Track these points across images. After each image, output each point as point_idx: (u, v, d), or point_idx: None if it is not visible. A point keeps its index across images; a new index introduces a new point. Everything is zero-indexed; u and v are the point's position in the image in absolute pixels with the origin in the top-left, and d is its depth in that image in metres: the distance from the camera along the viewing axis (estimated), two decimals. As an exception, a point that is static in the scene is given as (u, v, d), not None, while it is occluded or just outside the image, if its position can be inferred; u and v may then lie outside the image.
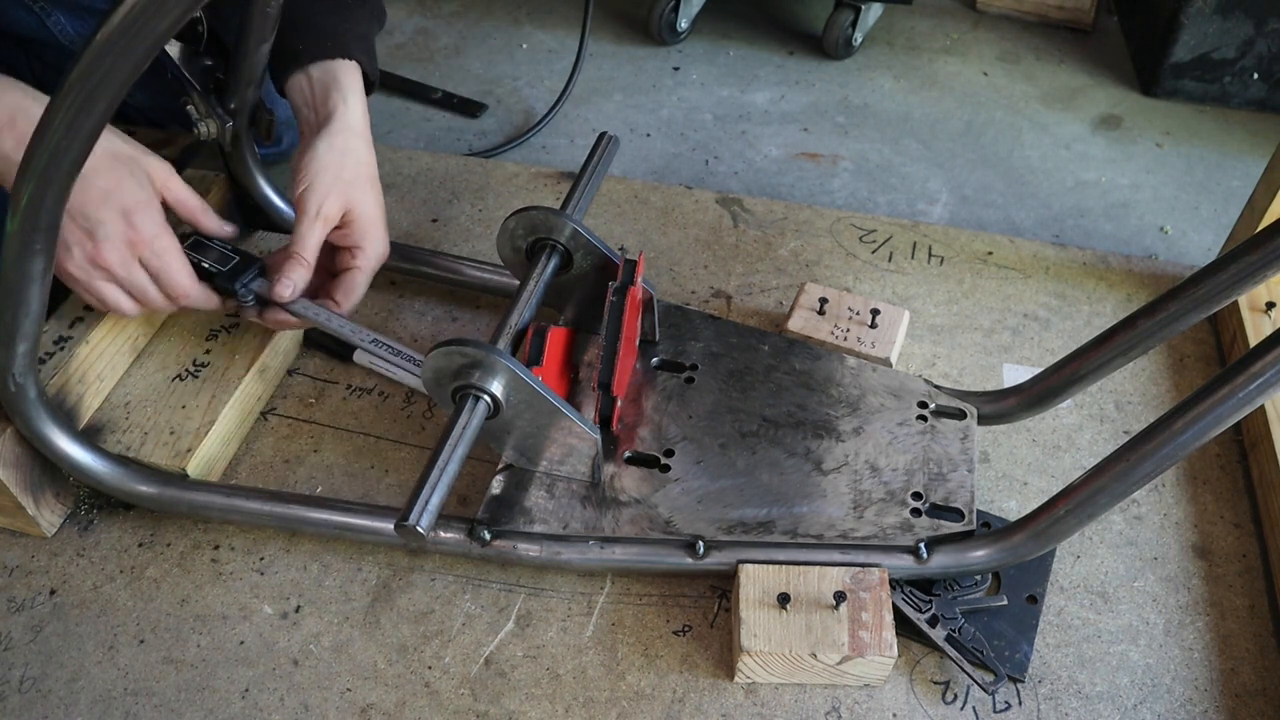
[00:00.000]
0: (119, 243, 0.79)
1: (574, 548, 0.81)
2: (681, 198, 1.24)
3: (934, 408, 0.89)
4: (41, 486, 0.84)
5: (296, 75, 0.92)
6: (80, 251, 0.79)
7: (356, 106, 0.90)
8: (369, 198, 0.90)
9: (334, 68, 0.91)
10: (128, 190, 0.80)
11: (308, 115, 0.91)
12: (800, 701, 0.77)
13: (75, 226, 0.78)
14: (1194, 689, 0.79)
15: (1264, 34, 1.46)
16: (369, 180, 0.90)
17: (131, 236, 0.80)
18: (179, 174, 0.86)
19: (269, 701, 0.77)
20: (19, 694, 0.77)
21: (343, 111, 0.89)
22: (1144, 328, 0.80)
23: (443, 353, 0.75)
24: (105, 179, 0.79)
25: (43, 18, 1.03)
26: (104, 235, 0.79)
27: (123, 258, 0.80)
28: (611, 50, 1.63)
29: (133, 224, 0.79)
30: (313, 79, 0.91)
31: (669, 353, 0.94)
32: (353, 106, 0.90)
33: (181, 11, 0.52)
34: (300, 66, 0.91)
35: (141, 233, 0.80)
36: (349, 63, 0.92)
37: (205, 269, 0.87)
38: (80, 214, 0.78)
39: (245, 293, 0.88)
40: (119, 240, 0.79)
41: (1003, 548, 0.78)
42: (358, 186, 0.88)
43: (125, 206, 0.79)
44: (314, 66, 0.91)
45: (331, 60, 0.91)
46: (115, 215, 0.79)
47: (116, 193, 0.79)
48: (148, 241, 0.80)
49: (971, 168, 1.41)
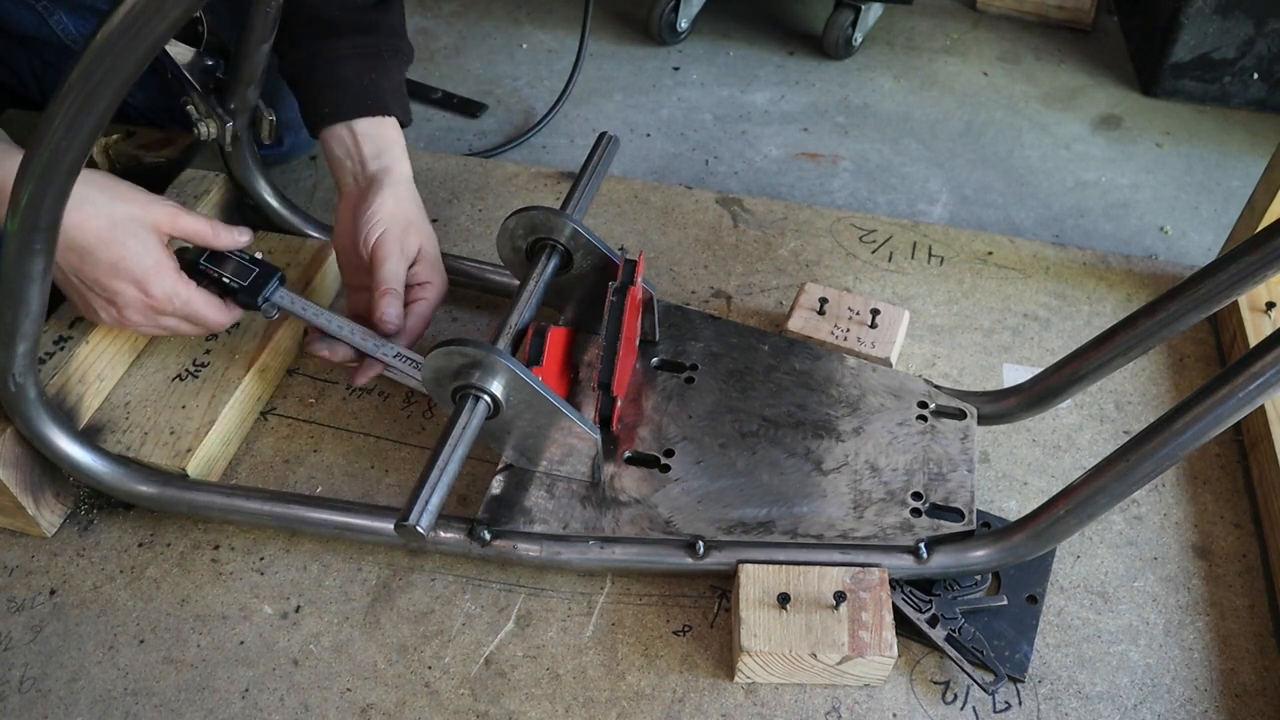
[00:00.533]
0: (140, 308, 0.82)
1: (574, 548, 0.81)
2: (681, 198, 1.24)
3: (934, 408, 0.89)
4: (41, 486, 0.84)
5: (337, 128, 0.95)
6: (108, 315, 0.83)
7: (405, 161, 0.96)
8: (432, 239, 0.95)
9: (376, 124, 0.95)
10: (134, 258, 0.80)
11: (351, 167, 0.95)
12: (800, 701, 0.77)
13: (96, 295, 0.81)
14: (1194, 689, 0.79)
15: (1264, 34, 1.46)
16: (428, 225, 0.96)
17: (149, 302, 0.82)
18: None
19: (269, 701, 0.77)
20: (19, 694, 0.77)
21: (394, 166, 0.94)
22: (1144, 328, 0.80)
23: (443, 353, 0.75)
24: (110, 250, 0.79)
25: (45, 16, 1.03)
26: (124, 303, 0.82)
27: (147, 317, 0.84)
28: (611, 50, 1.63)
29: (149, 292, 0.81)
30: (356, 134, 0.94)
31: (669, 353, 0.94)
32: (402, 161, 0.95)
33: (181, 11, 0.52)
34: (341, 120, 0.94)
35: (158, 296, 0.82)
36: (391, 119, 0.96)
37: (226, 283, 0.88)
38: (96, 285, 0.81)
39: (269, 308, 0.89)
40: (139, 306, 0.82)
41: (1003, 548, 0.78)
42: (424, 229, 0.94)
43: (136, 276, 0.81)
44: (356, 122, 0.94)
45: (373, 117, 0.95)
46: (129, 285, 0.81)
47: (124, 263, 0.80)
48: (166, 300, 0.83)
49: (971, 168, 1.41)
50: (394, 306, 0.88)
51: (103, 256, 0.79)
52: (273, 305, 0.89)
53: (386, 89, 0.96)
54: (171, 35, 0.53)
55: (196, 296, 0.84)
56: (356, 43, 0.95)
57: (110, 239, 0.79)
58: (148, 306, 0.82)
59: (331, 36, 0.94)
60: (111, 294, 0.81)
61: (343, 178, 0.96)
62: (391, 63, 0.97)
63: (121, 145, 1.09)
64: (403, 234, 0.91)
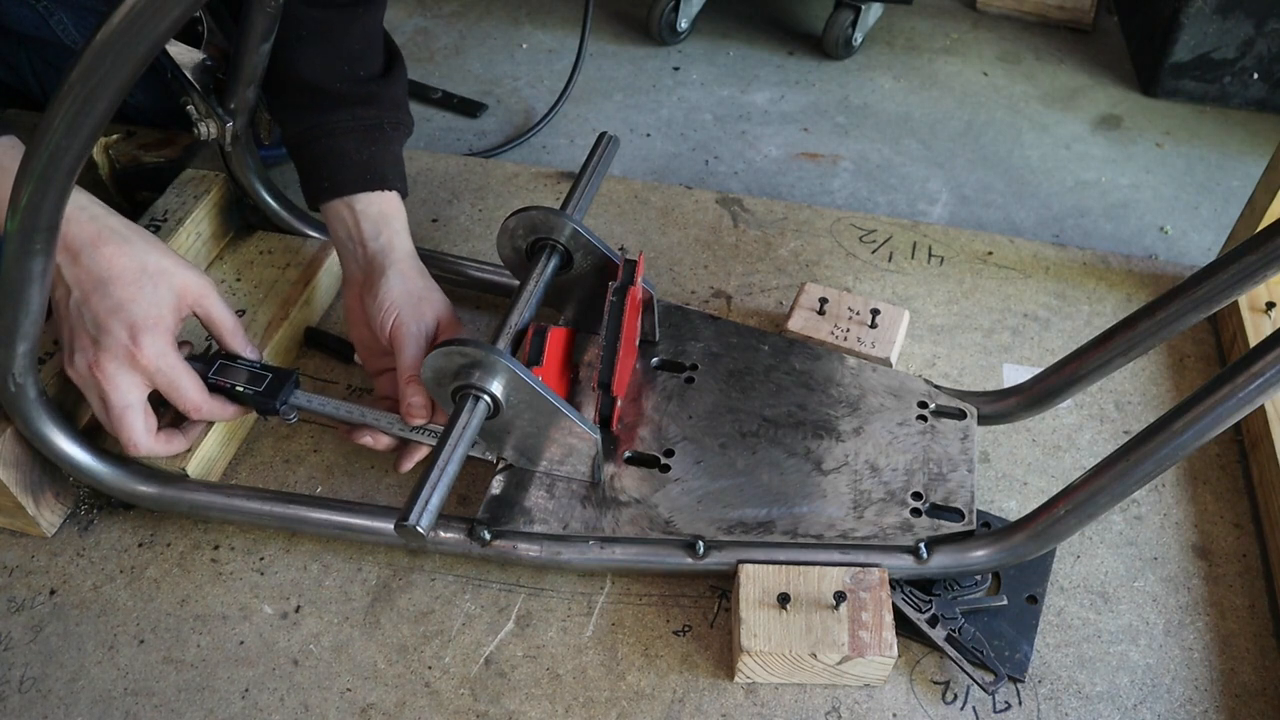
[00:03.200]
0: (121, 357, 0.78)
1: (574, 548, 0.81)
2: (681, 198, 1.24)
3: (934, 408, 0.89)
4: (41, 486, 0.84)
5: (335, 203, 0.93)
6: (82, 359, 0.78)
7: (405, 236, 0.94)
8: (446, 304, 0.93)
9: (377, 200, 0.93)
10: (141, 305, 0.78)
11: (352, 249, 0.93)
12: (800, 701, 0.77)
13: (84, 332, 0.78)
14: (1194, 689, 0.79)
15: (1264, 34, 1.46)
16: (437, 291, 0.93)
17: (134, 353, 0.78)
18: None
19: (269, 701, 0.77)
20: (19, 694, 0.77)
21: (395, 243, 0.92)
22: (1144, 328, 0.80)
23: (443, 353, 0.75)
24: (124, 290, 0.78)
25: (45, 16, 1.03)
26: (107, 346, 0.77)
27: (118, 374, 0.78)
28: (611, 50, 1.63)
29: (138, 342, 0.78)
30: (355, 211, 0.93)
31: (669, 353, 0.94)
32: (402, 236, 0.94)
33: (181, 11, 0.52)
34: (339, 195, 0.93)
35: (145, 350, 0.78)
36: (391, 194, 0.94)
37: (240, 392, 0.85)
38: (93, 321, 0.77)
39: (288, 410, 0.87)
40: (121, 354, 0.78)
41: (1003, 548, 0.78)
42: (434, 298, 0.92)
43: (133, 321, 0.78)
44: (356, 199, 0.93)
45: (373, 193, 0.93)
46: (122, 329, 0.77)
47: (129, 306, 0.78)
48: (151, 358, 0.79)
49: (971, 168, 1.41)
50: (419, 395, 0.86)
51: (114, 292, 0.78)
52: (291, 408, 0.87)
53: (386, 163, 0.94)
54: (171, 35, 0.53)
55: (182, 369, 0.81)
56: (356, 115, 0.93)
57: (130, 280, 0.78)
58: (129, 357, 0.78)
59: (331, 110, 0.93)
60: (100, 333, 0.77)
61: (346, 262, 0.95)
62: (393, 135, 0.96)
63: (121, 145, 1.09)
64: (416, 312, 0.89)
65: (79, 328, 0.78)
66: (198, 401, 0.82)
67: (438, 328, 0.91)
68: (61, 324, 0.79)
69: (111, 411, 0.79)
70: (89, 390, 0.80)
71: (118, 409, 0.79)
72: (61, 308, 0.79)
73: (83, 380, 0.79)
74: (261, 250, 1.05)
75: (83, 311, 0.77)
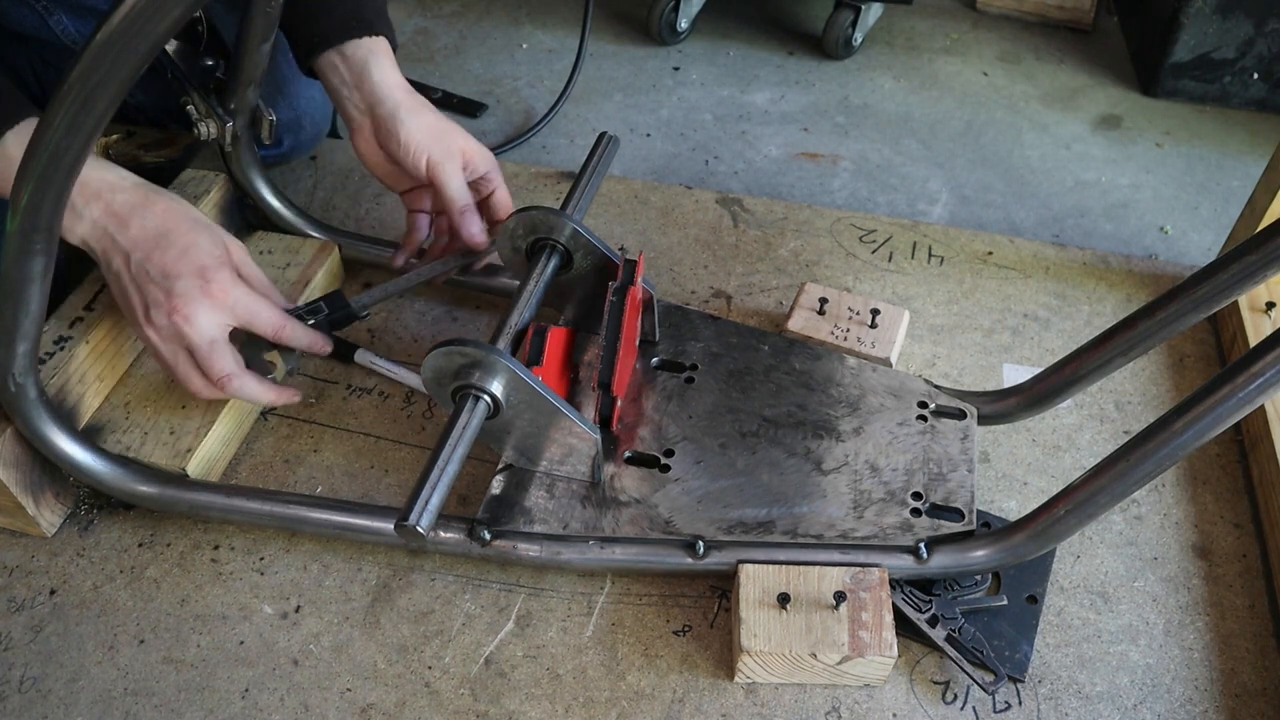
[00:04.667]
0: (196, 300, 0.81)
1: (574, 548, 0.81)
2: (681, 198, 1.24)
3: (934, 408, 0.89)
4: (41, 486, 0.84)
5: (328, 54, 0.96)
6: (159, 314, 0.81)
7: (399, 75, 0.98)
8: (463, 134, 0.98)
9: (366, 45, 0.95)
10: (204, 247, 0.82)
11: (347, 93, 0.96)
12: (800, 701, 0.77)
13: (155, 286, 0.80)
14: (1194, 689, 0.79)
15: (1264, 34, 1.46)
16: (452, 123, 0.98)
17: (207, 292, 0.81)
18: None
19: (269, 701, 0.77)
20: (19, 694, 0.77)
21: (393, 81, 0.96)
22: (1144, 328, 0.80)
23: (443, 353, 0.75)
24: (185, 237, 0.82)
25: (44, 17, 1.03)
26: (180, 293, 0.80)
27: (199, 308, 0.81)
28: (611, 50, 1.63)
29: (209, 278, 0.81)
30: (346, 57, 0.95)
31: (669, 353, 0.94)
32: (398, 75, 0.97)
33: (181, 11, 0.52)
34: (330, 46, 0.95)
35: (217, 286, 0.82)
36: (379, 38, 0.97)
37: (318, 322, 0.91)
38: (161, 274, 0.80)
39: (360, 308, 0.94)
40: (196, 293, 0.81)
41: (1003, 548, 0.78)
42: (456, 132, 0.97)
43: (202, 263, 0.81)
44: (346, 46, 0.95)
45: (361, 39, 0.95)
46: (193, 275, 0.81)
47: (194, 250, 0.81)
48: (225, 292, 0.82)
49: (971, 168, 1.41)
50: (475, 223, 0.95)
51: (177, 241, 0.81)
52: (361, 305, 0.94)
53: (370, 10, 0.97)
54: (171, 35, 0.53)
55: (255, 295, 0.84)
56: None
57: (186, 229, 0.82)
58: (206, 294, 0.81)
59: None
60: (171, 280, 0.80)
61: (346, 109, 0.98)
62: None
63: (121, 145, 1.09)
64: (444, 148, 0.94)
65: (147, 284, 0.80)
66: (279, 321, 0.86)
67: (465, 157, 0.96)
68: (127, 290, 0.81)
69: (199, 351, 0.82)
70: (170, 341, 0.82)
71: (205, 346, 0.82)
72: (123, 275, 0.81)
73: (163, 332, 0.81)
74: (261, 250, 1.05)
75: (147, 268, 0.80)
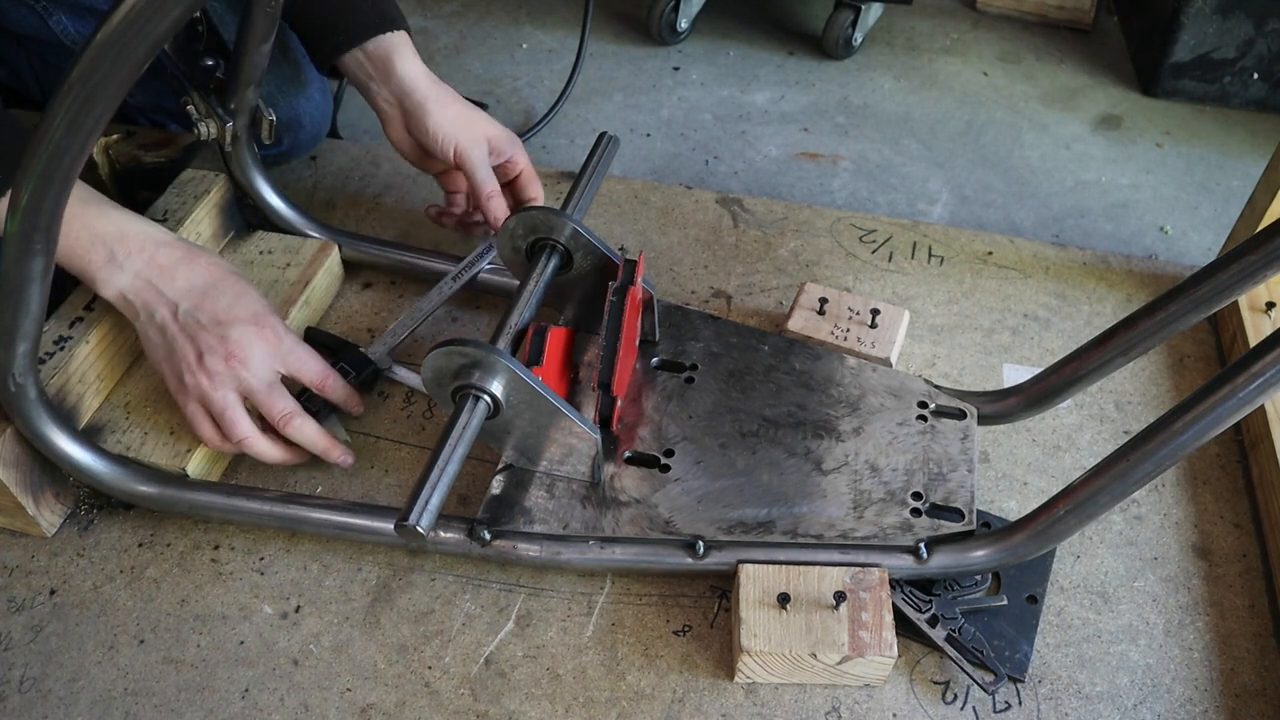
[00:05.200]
0: (251, 339, 0.83)
1: (574, 548, 0.81)
2: (681, 198, 1.24)
3: (934, 408, 0.89)
4: (41, 486, 0.84)
5: (353, 53, 1.00)
6: (214, 357, 0.82)
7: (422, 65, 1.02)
8: (487, 120, 1.04)
9: (388, 41, 1.00)
10: (253, 298, 0.86)
11: (377, 89, 1.02)
12: (800, 701, 0.77)
13: (209, 335, 0.82)
14: (1194, 689, 0.79)
15: (1264, 34, 1.46)
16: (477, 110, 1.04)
17: (264, 333, 0.84)
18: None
19: (269, 701, 0.77)
20: (19, 694, 0.77)
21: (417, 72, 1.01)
22: (1144, 328, 0.80)
23: (443, 353, 0.75)
24: (234, 286, 0.85)
25: (44, 17, 1.03)
26: (237, 339, 0.82)
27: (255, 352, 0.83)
28: (611, 50, 1.63)
29: (263, 323, 0.84)
30: (371, 55, 1.00)
31: (669, 353, 0.94)
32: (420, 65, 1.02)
33: (182, 11, 0.52)
34: (355, 45, 1.00)
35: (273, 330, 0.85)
36: (399, 33, 1.01)
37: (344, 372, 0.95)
38: (213, 323, 0.82)
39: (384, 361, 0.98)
40: (251, 337, 0.83)
41: (1003, 548, 0.78)
42: (480, 119, 1.03)
43: (256, 310, 0.85)
44: (369, 43, 1.00)
45: (383, 35, 1.00)
46: (247, 320, 0.83)
47: (246, 298, 0.85)
48: (280, 337, 0.85)
49: (971, 168, 1.41)
50: (500, 207, 1.01)
51: (226, 290, 0.84)
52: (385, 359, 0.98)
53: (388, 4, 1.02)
54: (171, 35, 0.53)
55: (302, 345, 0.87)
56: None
57: (233, 282, 0.85)
58: (261, 338, 0.83)
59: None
60: (225, 327, 0.82)
61: (375, 101, 1.03)
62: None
63: (121, 145, 1.09)
64: (471, 135, 1.00)
65: (199, 332, 0.82)
66: (325, 372, 0.89)
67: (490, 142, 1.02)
68: (175, 340, 0.82)
69: (258, 393, 0.83)
70: (224, 386, 0.82)
71: (264, 387, 0.83)
72: (169, 325, 0.82)
73: (218, 378, 0.82)
74: (261, 250, 1.05)
75: (198, 316, 0.82)
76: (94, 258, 0.81)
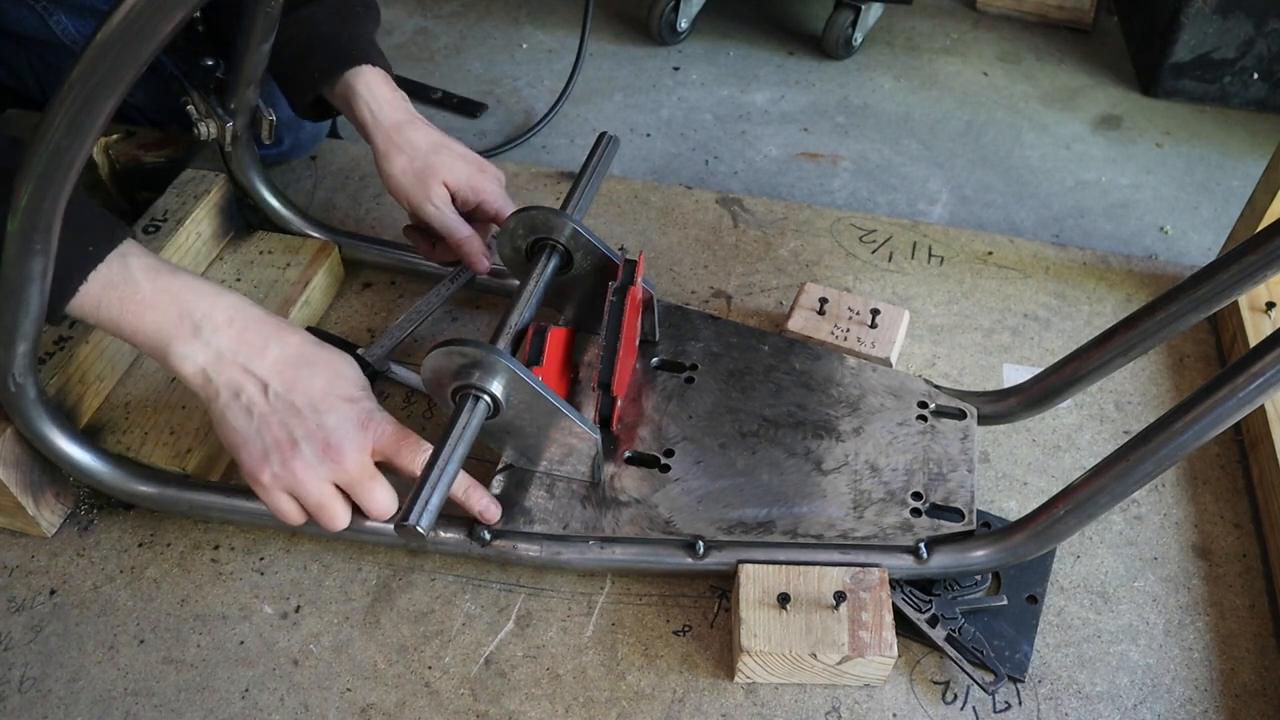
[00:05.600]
0: (349, 424, 0.76)
1: (574, 548, 0.81)
2: (681, 198, 1.24)
3: (934, 408, 0.89)
4: (41, 486, 0.84)
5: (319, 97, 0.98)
6: (309, 445, 0.74)
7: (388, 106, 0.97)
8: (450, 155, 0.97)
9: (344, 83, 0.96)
10: (346, 378, 0.78)
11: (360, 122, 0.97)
12: (800, 701, 0.77)
13: (299, 418, 0.75)
14: (1194, 689, 0.79)
15: (1264, 34, 1.46)
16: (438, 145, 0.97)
17: (360, 418, 0.76)
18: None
19: (269, 701, 0.77)
20: (19, 694, 0.77)
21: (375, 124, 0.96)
22: (1144, 328, 0.80)
23: (443, 353, 0.75)
24: (330, 363, 0.78)
25: (44, 17, 1.03)
26: (331, 423, 0.75)
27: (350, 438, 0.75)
28: (611, 50, 1.63)
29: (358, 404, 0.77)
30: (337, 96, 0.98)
31: (669, 353, 0.94)
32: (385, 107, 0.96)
33: (182, 12, 0.52)
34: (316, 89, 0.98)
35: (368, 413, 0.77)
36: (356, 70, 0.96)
37: None
38: (309, 404, 0.75)
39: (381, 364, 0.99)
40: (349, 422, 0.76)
41: (1003, 548, 0.78)
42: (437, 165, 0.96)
43: (349, 392, 0.77)
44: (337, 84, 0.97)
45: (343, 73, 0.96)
46: (344, 398, 0.77)
47: (346, 374, 0.78)
48: (374, 421, 0.77)
49: (971, 168, 1.41)
50: (476, 248, 0.96)
51: (320, 372, 0.76)
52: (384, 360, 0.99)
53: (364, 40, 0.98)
54: (172, 35, 0.53)
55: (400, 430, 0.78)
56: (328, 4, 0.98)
57: (324, 361, 0.78)
58: (357, 424, 0.76)
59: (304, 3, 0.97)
60: (320, 412, 0.75)
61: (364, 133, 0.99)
62: (364, 16, 1.00)
63: (121, 145, 1.09)
64: (423, 192, 0.95)
65: (292, 415, 0.75)
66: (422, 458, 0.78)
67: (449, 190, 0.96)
68: (266, 423, 0.75)
69: (357, 486, 0.77)
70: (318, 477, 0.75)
71: (363, 476, 0.77)
72: (259, 406, 0.75)
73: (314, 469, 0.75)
74: (261, 250, 1.05)
75: (292, 398, 0.75)
76: (179, 332, 0.74)
